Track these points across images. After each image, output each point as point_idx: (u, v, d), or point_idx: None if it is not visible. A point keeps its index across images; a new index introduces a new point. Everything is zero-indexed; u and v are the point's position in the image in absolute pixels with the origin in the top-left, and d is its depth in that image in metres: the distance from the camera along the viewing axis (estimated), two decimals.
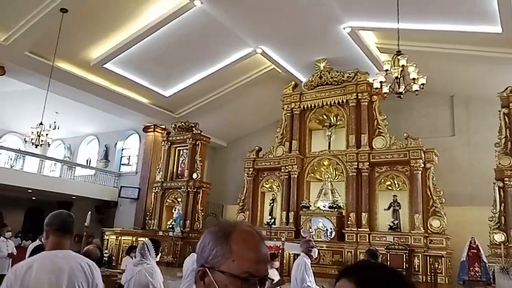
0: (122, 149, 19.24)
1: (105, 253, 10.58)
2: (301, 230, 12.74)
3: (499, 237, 9.61)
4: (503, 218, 9.95)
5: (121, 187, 17.40)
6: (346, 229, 12.35)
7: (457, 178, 12.63)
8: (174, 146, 16.48)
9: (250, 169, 14.72)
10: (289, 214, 13.46)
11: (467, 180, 12.55)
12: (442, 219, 11.29)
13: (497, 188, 10.21)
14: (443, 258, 10.58)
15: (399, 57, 7.62)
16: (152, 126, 17.04)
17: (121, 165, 18.92)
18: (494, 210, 10.15)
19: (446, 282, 10.44)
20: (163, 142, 16.60)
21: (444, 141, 13.27)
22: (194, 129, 16.03)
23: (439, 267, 10.37)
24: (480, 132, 12.61)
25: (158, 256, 4.41)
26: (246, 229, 1.18)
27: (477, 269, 8.85)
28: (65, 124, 19.00)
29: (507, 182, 10.05)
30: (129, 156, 18.91)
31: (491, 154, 10.81)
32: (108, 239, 14.23)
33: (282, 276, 9.61)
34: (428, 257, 10.85)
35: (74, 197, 16.98)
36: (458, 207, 11.85)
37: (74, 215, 2.71)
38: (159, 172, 16.26)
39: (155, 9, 10.94)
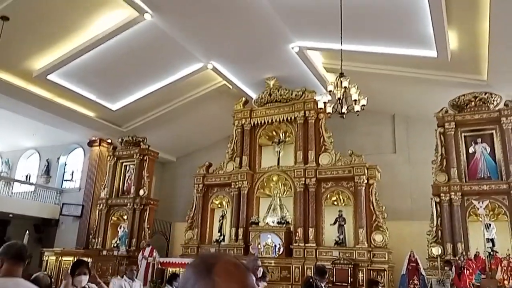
0: (65, 164, 18.45)
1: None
2: (250, 247, 12.75)
3: (436, 250, 10.08)
4: (439, 232, 10.49)
5: (63, 204, 16.61)
6: (294, 244, 12.50)
7: (398, 193, 13.20)
8: (120, 161, 16.01)
9: (200, 185, 14.60)
10: (239, 230, 13.44)
11: (407, 196, 13.15)
12: (384, 233, 11.72)
13: (434, 203, 10.77)
14: (385, 272, 10.95)
15: (342, 78, 7.94)
16: (98, 140, 16.50)
17: (63, 181, 18.09)
18: (432, 225, 10.68)
19: None
20: (108, 157, 16.10)
21: (386, 158, 13.86)
22: (141, 143, 15.70)
23: (382, 280, 10.71)
24: (418, 149, 13.30)
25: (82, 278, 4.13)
26: (230, 260, 1.10)
27: (416, 282, 9.24)
28: (4, 137, 18.04)
29: (443, 197, 10.63)
30: (72, 172, 18.13)
31: (428, 171, 11.40)
32: (47, 260, 13.47)
33: None
34: (371, 271, 11.19)
35: (11, 215, 15.98)
36: (399, 221, 12.36)
37: (11, 234, 2.69)
38: (104, 189, 15.70)
39: (103, 21, 10.71)
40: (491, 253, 9.12)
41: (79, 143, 17.55)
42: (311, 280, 3.24)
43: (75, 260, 4.38)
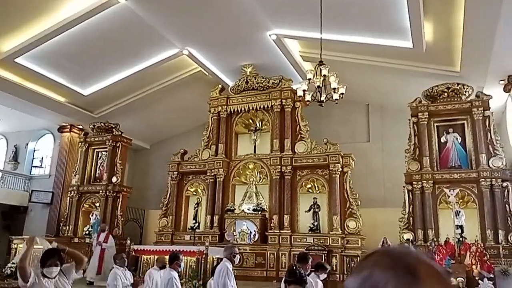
0: (34, 150, 17.88)
1: (12, 263, 9.69)
2: (225, 234, 12.78)
3: (407, 236, 10.39)
4: (411, 218, 10.78)
5: (32, 191, 16.14)
6: (269, 231, 12.59)
7: (371, 181, 13.46)
8: (92, 147, 15.66)
9: (175, 172, 14.46)
10: (214, 217, 13.43)
11: (381, 184, 13.43)
12: (357, 220, 11.99)
13: (406, 191, 11.03)
14: (358, 258, 11.19)
15: (321, 67, 7.95)
16: (68, 126, 16.03)
17: (32, 168, 17.56)
18: (404, 212, 10.95)
19: None
20: (80, 144, 15.71)
21: (360, 146, 14.08)
22: (114, 130, 15.37)
23: (354, 266, 10.94)
24: (392, 139, 13.55)
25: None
26: (430, 262, 0.88)
27: None
28: None
29: (415, 185, 10.90)
30: (42, 158, 17.62)
31: (401, 159, 11.65)
32: (16, 248, 13.07)
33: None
34: (345, 257, 11.44)
35: None
36: (373, 209, 12.63)
37: None
38: (75, 175, 15.34)
39: (75, 2, 10.32)
40: (460, 239, 9.44)
41: (49, 128, 17.02)
42: (294, 268, 3.25)
43: (47, 249, 4.17)
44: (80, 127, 16.12)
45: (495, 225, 9.91)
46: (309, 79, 7.98)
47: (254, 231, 12.75)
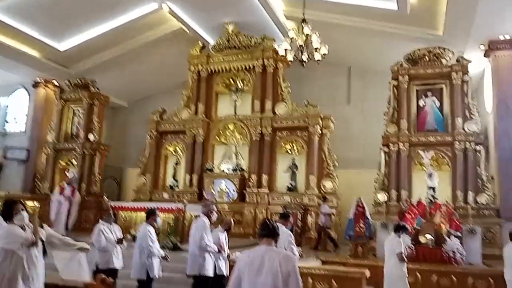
0: (7, 106, 17.34)
1: None
2: (204, 192, 12.88)
3: (382, 197, 10.66)
4: (386, 180, 11.02)
5: (7, 147, 15.79)
6: (247, 189, 12.74)
7: (350, 143, 13.62)
8: (68, 104, 15.30)
9: (153, 131, 14.33)
10: (193, 177, 13.48)
11: (359, 146, 13.59)
12: (334, 180, 12.26)
13: (383, 153, 11.21)
14: (333, 216, 11.48)
15: (303, 25, 7.80)
16: (43, 82, 15.52)
17: (6, 124, 17.09)
18: (379, 173, 11.18)
19: (335, 238, 11.40)
20: (55, 100, 15.29)
21: (340, 109, 14.13)
22: (91, 87, 14.99)
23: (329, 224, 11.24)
24: (372, 102, 13.60)
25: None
26: None
27: (362, 225, 9.72)
28: None
29: (392, 147, 11.07)
30: (16, 114, 17.12)
31: (380, 122, 11.76)
32: None
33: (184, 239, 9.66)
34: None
35: None
36: (350, 170, 12.87)
37: None
38: (51, 132, 15.03)
39: None
40: (432, 200, 9.73)
41: (23, 84, 16.44)
42: (267, 221, 3.38)
43: (5, 201, 4.09)
44: (56, 83, 15.63)
45: (466, 186, 10.23)
46: (291, 37, 7.85)
47: (233, 190, 12.89)
